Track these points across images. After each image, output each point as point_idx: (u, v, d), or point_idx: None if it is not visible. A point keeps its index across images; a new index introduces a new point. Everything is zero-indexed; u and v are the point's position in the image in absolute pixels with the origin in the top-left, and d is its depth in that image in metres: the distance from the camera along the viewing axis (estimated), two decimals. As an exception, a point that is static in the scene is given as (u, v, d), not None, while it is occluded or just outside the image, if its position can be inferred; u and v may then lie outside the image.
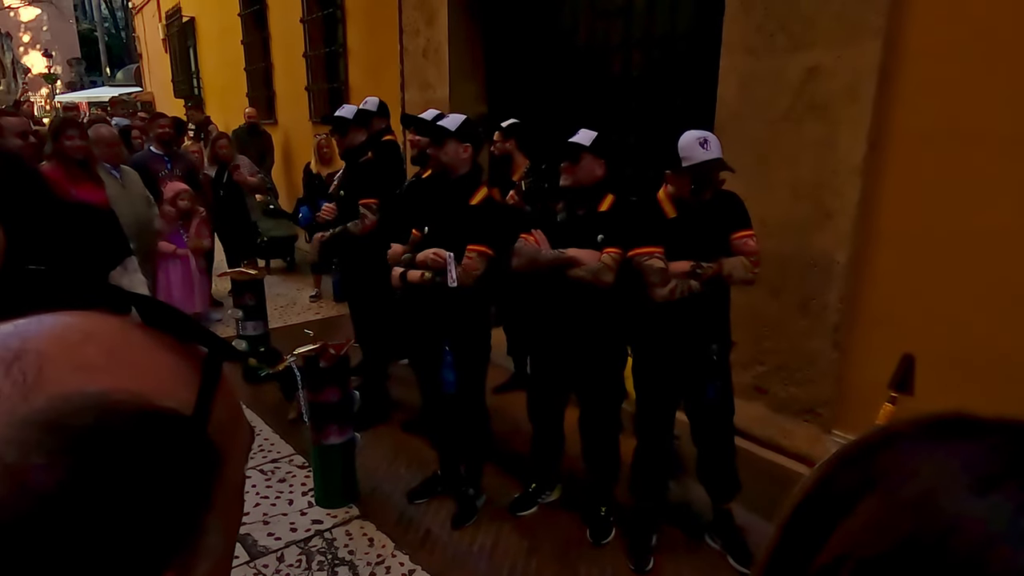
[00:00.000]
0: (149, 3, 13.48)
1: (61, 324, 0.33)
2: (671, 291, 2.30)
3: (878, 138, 2.62)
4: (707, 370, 2.44)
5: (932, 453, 0.31)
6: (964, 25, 2.36)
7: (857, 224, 2.70)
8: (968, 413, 0.33)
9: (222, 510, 0.35)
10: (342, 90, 6.61)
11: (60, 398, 0.29)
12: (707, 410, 2.51)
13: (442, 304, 2.70)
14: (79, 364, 0.31)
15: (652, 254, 2.33)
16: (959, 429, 0.32)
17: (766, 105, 2.91)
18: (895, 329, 2.61)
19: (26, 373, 0.29)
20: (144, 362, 0.33)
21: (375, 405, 3.70)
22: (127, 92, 16.39)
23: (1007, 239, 2.33)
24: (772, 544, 0.35)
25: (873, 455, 0.33)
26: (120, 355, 0.33)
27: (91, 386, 0.30)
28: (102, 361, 0.32)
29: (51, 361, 0.30)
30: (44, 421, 0.28)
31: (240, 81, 9.04)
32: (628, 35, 4.04)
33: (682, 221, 2.37)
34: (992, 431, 0.31)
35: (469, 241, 2.59)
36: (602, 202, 2.54)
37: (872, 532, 0.30)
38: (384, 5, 5.56)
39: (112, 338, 0.33)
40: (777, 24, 2.85)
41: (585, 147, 2.46)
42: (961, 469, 0.29)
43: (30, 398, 0.29)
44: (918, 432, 0.33)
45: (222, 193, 5.69)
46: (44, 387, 0.29)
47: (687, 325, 2.39)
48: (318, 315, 5.67)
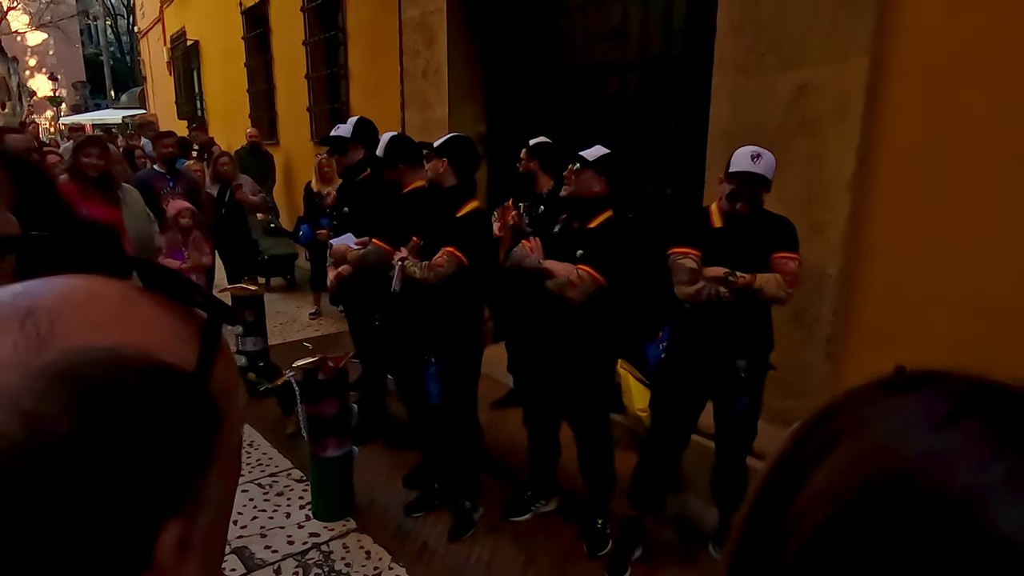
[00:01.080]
0: (154, 28, 13.70)
1: (68, 285, 0.34)
2: (697, 291, 2.31)
3: (867, 154, 2.67)
4: (734, 386, 2.44)
5: (890, 403, 0.34)
6: (948, 45, 2.43)
7: (848, 238, 2.74)
8: (914, 369, 0.37)
9: (222, 465, 0.37)
10: (343, 111, 6.71)
11: (71, 351, 0.30)
12: (733, 425, 2.52)
13: (426, 315, 2.76)
14: (88, 321, 0.32)
15: (687, 254, 2.36)
16: (910, 383, 0.35)
17: (757, 123, 2.97)
18: (887, 341, 2.65)
19: (39, 327, 0.31)
20: (148, 321, 0.35)
21: (373, 419, 3.72)
22: (131, 114, 16.58)
23: (994, 252, 2.37)
24: (750, 505, 0.38)
25: (838, 414, 0.36)
26: (125, 314, 0.34)
27: (100, 342, 0.32)
28: (109, 319, 0.33)
29: (61, 317, 0.32)
30: (57, 372, 0.30)
31: (243, 102, 9.16)
32: (623, 56, 4.13)
33: (727, 232, 2.38)
34: (938, 380, 0.35)
35: (448, 246, 2.65)
36: (596, 218, 2.59)
37: (842, 477, 0.32)
38: (385, 28, 5.68)
39: (117, 298, 0.35)
40: (767, 44, 2.92)
41: (588, 162, 2.52)
42: (919, 413, 0.32)
43: (43, 351, 0.30)
44: (876, 389, 0.36)
45: (224, 211, 5.75)
46: (56, 341, 0.31)
47: (716, 337, 2.40)
48: (317, 332, 5.70)
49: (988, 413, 0.31)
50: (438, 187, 2.80)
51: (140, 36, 15.78)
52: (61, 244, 0.38)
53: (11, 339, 0.30)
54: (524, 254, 2.58)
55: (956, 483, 0.29)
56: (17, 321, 0.31)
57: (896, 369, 0.38)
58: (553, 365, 2.66)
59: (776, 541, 0.34)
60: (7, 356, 0.30)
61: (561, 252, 2.54)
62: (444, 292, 2.67)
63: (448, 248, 2.64)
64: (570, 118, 4.44)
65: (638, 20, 4.01)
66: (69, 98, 24.58)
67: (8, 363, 0.29)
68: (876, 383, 0.37)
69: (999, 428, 0.30)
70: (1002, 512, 0.27)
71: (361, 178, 3.70)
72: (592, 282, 2.45)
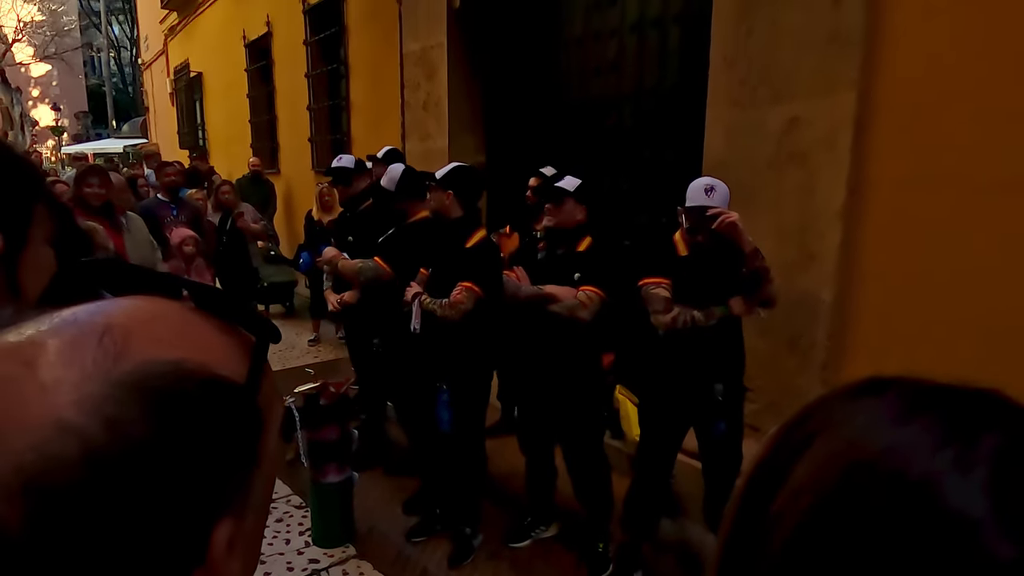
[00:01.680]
0: (158, 60, 13.94)
1: (134, 305, 0.38)
2: (673, 319, 2.36)
3: (857, 184, 2.75)
4: (712, 410, 2.47)
5: (857, 405, 0.39)
6: (932, 79, 2.52)
7: (840, 265, 2.80)
8: (879, 376, 0.41)
9: (264, 470, 0.41)
10: (344, 141, 6.83)
11: (144, 363, 0.34)
12: (716, 448, 2.54)
13: (440, 343, 2.79)
14: (154, 337, 0.36)
15: (659, 284, 2.42)
16: (874, 387, 0.40)
17: (750, 153, 3.06)
18: (882, 366, 2.63)
19: (116, 342, 0.34)
20: (203, 337, 0.39)
21: (373, 445, 3.72)
22: (132, 143, 16.75)
23: (982, 277, 2.44)
24: (734, 506, 0.42)
25: (812, 417, 0.41)
26: (184, 331, 0.38)
27: (166, 355, 0.35)
28: (171, 336, 0.37)
29: (133, 334, 0.35)
30: (133, 382, 0.33)
31: (245, 132, 9.30)
32: (619, 89, 4.24)
33: (693, 260, 2.44)
34: (897, 385, 0.40)
35: (463, 280, 2.70)
36: (580, 243, 2.67)
37: (819, 470, 0.37)
38: (386, 61, 5.81)
39: (176, 317, 0.39)
40: (759, 78, 3.02)
41: (569, 192, 2.60)
42: (882, 411, 0.37)
43: (120, 363, 0.34)
44: (845, 393, 0.41)
45: (225, 239, 5.82)
46: (130, 355, 0.34)
47: (692, 363, 2.45)
48: (317, 359, 5.72)
49: (937, 409, 0.36)
50: (443, 218, 2.85)
51: (144, 68, 16.04)
52: (115, 269, 0.43)
53: (91, 353, 0.34)
54: (515, 284, 2.64)
55: (914, 469, 0.34)
56: (96, 337, 0.34)
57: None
58: (546, 389, 2.70)
59: (760, 538, 0.38)
60: (89, 368, 0.33)
61: (553, 278, 2.60)
62: (460, 322, 2.71)
63: (465, 284, 2.68)
64: (568, 149, 4.53)
65: (634, 54, 4.13)
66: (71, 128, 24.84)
67: (91, 374, 0.33)
68: (845, 388, 0.41)
69: (946, 421, 0.35)
70: (953, 490, 0.32)
71: (363, 208, 3.76)
72: (599, 300, 2.52)
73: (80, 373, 0.33)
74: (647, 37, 4.03)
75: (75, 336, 0.34)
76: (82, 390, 0.32)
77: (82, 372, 0.33)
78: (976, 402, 0.37)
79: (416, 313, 2.76)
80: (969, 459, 0.33)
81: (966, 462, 0.33)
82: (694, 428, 2.58)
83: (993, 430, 0.34)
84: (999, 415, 0.36)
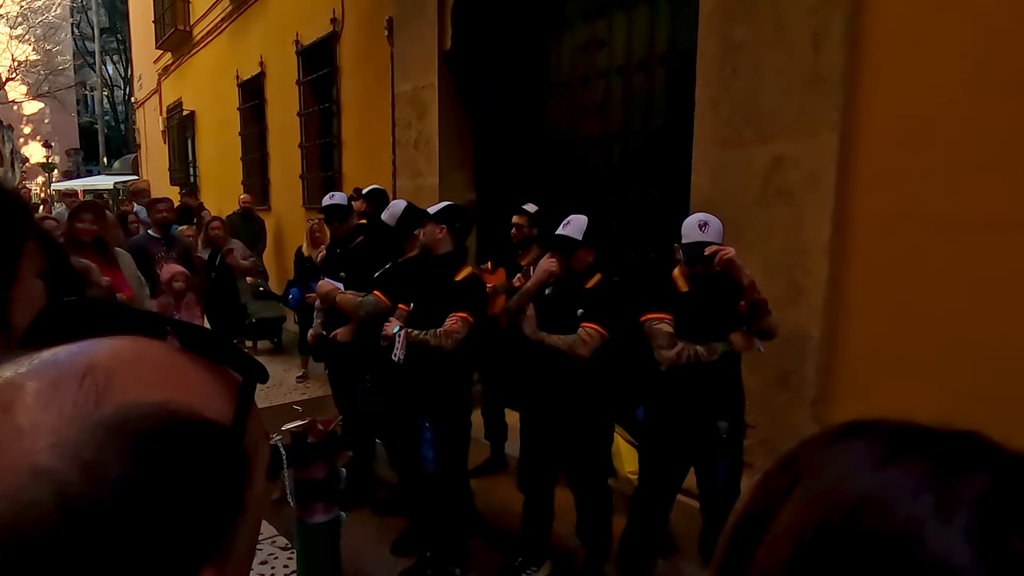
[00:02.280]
0: (151, 98, 14.07)
1: (118, 345, 0.37)
2: (677, 354, 2.36)
3: (842, 221, 2.80)
4: (716, 448, 2.46)
5: (838, 448, 0.39)
6: (911, 121, 2.60)
7: (828, 301, 2.84)
8: (862, 419, 0.41)
9: (250, 516, 0.40)
10: (336, 178, 6.88)
11: (126, 406, 0.33)
12: (716, 489, 2.52)
13: (422, 380, 2.78)
14: (138, 379, 0.35)
15: (662, 319, 2.42)
16: (855, 430, 0.40)
17: (737, 192, 3.11)
18: (872, 401, 2.70)
19: (97, 384, 0.34)
20: (188, 378, 0.38)
21: (360, 484, 3.66)
22: (123, 180, 16.79)
23: (965, 314, 2.47)
24: (720, 555, 0.41)
25: (794, 461, 0.40)
26: (169, 372, 0.37)
27: (149, 397, 0.34)
28: (156, 377, 0.36)
29: (115, 375, 0.34)
30: (114, 425, 0.32)
31: (236, 169, 9.36)
32: (607, 129, 4.33)
33: (694, 296, 2.46)
34: (877, 428, 0.39)
35: (454, 312, 2.70)
36: (589, 281, 2.67)
37: (799, 519, 0.36)
38: (378, 101, 5.91)
39: (160, 358, 0.38)
40: (743, 119, 3.09)
41: (579, 241, 2.60)
42: (862, 456, 0.37)
43: (101, 406, 0.33)
44: (826, 437, 0.41)
45: (213, 275, 5.80)
46: (112, 397, 0.33)
47: (695, 400, 2.44)
48: (305, 395, 5.66)
49: (916, 452, 0.36)
50: (429, 253, 2.88)
51: (137, 106, 16.17)
52: (99, 308, 0.42)
53: (72, 396, 0.33)
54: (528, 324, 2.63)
55: (894, 516, 0.33)
56: (77, 379, 0.34)
57: None
58: (553, 422, 2.68)
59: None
60: (69, 411, 0.32)
61: (558, 314, 2.60)
62: (442, 357, 2.71)
63: (460, 314, 2.70)
64: (557, 187, 4.60)
65: (620, 96, 4.23)
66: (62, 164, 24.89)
67: (71, 417, 0.32)
68: (827, 432, 0.41)
69: (925, 464, 0.34)
70: (934, 537, 0.31)
71: (355, 244, 3.78)
72: (599, 338, 2.52)
73: (59, 416, 0.32)
74: (633, 79, 4.13)
75: (55, 378, 0.34)
76: (60, 434, 0.31)
77: (61, 415, 0.32)
78: (956, 444, 0.36)
79: (402, 344, 2.75)
80: (950, 504, 0.32)
81: (947, 507, 0.32)
82: (695, 467, 2.55)
83: (974, 473, 0.33)
84: (980, 457, 0.35)
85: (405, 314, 2.92)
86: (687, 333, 2.39)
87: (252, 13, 8.47)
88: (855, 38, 2.71)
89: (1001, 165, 2.37)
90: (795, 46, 2.86)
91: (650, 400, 2.61)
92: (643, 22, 4.05)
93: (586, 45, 4.45)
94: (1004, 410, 2.33)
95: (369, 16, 5.98)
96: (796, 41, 2.85)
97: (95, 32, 22.71)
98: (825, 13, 2.75)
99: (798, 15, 2.84)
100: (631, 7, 4.10)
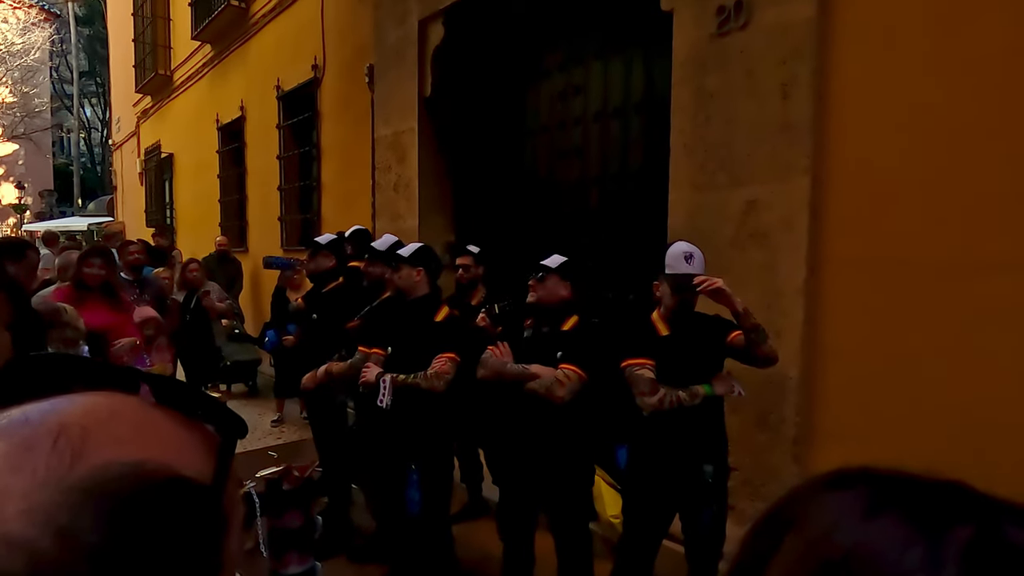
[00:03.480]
0: (129, 140, 14.05)
1: (91, 402, 0.36)
2: (659, 400, 2.34)
3: (816, 264, 2.86)
4: (702, 493, 2.43)
5: (826, 499, 0.39)
6: (880, 167, 2.69)
7: (805, 341, 2.87)
8: (849, 468, 0.41)
9: (227, 571, 0.38)
10: (315, 221, 6.88)
11: (100, 467, 0.32)
12: (704, 533, 2.49)
13: (407, 423, 2.74)
14: (113, 437, 0.34)
15: (643, 365, 2.41)
16: (843, 480, 0.40)
17: (712, 234, 3.17)
18: (851, 441, 2.72)
19: (71, 445, 0.33)
20: (165, 435, 0.37)
21: (336, 531, 3.56)
22: (97, 221, 16.60)
23: (937, 357, 2.52)
24: None
25: (783, 512, 0.40)
26: (145, 429, 0.36)
27: (125, 457, 0.33)
28: (131, 435, 0.35)
29: (89, 435, 0.33)
30: (89, 487, 0.31)
31: (214, 211, 9.31)
32: (585, 173, 4.41)
33: (675, 339, 2.45)
34: (864, 478, 0.40)
35: (437, 353, 2.69)
36: (566, 322, 2.68)
37: (791, 570, 0.36)
38: (358, 145, 5.97)
39: (135, 414, 0.37)
40: (717, 163, 3.18)
41: (551, 269, 2.64)
42: (850, 507, 0.37)
43: (75, 468, 0.32)
44: (814, 487, 0.41)
45: (188, 317, 5.71)
46: (86, 458, 0.32)
47: (679, 445, 2.41)
48: (280, 440, 5.52)
49: (904, 504, 0.36)
50: (404, 296, 2.88)
51: (114, 148, 16.12)
52: (69, 362, 0.41)
53: (44, 458, 0.32)
54: (501, 361, 2.62)
55: (885, 569, 0.33)
56: (50, 440, 0.33)
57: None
58: (532, 466, 2.64)
59: None
60: (41, 474, 0.31)
61: (537, 356, 2.59)
62: (430, 399, 2.68)
63: (447, 355, 2.70)
64: (535, 229, 4.65)
65: (597, 140, 4.33)
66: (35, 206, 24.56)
67: (43, 481, 0.31)
68: (815, 481, 0.41)
69: (913, 516, 0.35)
70: None
71: (331, 287, 3.76)
72: (578, 380, 2.51)
73: (31, 481, 0.31)
74: (610, 125, 4.24)
75: (26, 438, 0.32)
76: (32, 499, 0.30)
77: (33, 479, 0.31)
78: (942, 495, 0.36)
79: (388, 390, 2.72)
80: (939, 557, 0.32)
81: (936, 560, 0.32)
82: (680, 513, 2.52)
83: (961, 524, 0.33)
84: (966, 508, 0.35)
85: (382, 359, 2.89)
86: (669, 377, 2.39)
87: (233, 59, 8.57)
88: (821, 89, 2.81)
89: (966, 209, 2.46)
90: (765, 95, 2.96)
91: (633, 444, 2.59)
92: (618, 71, 4.18)
93: (563, 92, 4.56)
94: (981, 448, 2.36)
95: (350, 63, 6.09)
96: (766, 91, 2.96)
97: (74, 76, 22.75)
98: (793, 65, 2.86)
99: (767, 66, 2.95)
100: (607, 57, 4.23)
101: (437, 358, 2.68)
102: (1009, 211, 2.36)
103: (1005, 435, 2.33)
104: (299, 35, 6.90)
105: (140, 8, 11.87)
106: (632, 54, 4.07)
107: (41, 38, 21.57)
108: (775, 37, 2.92)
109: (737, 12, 3.03)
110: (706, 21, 3.16)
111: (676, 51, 3.33)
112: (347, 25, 6.15)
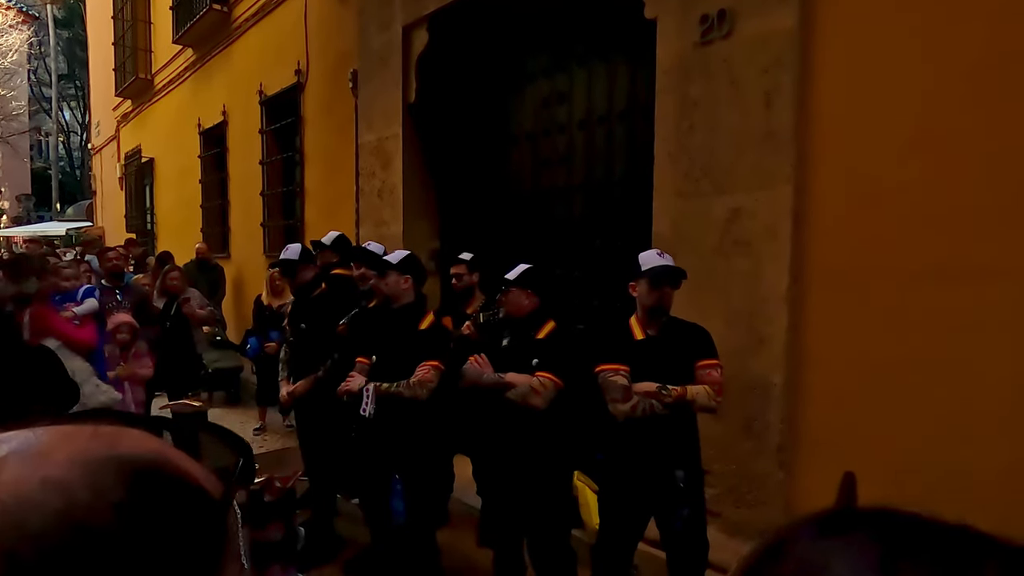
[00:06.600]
0: (109, 145, 13.86)
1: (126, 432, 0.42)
2: (632, 407, 2.35)
3: (799, 271, 2.88)
4: (674, 498, 2.44)
5: (830, 548, 0.35)
6: (859, 175, 2.71)
7: (789, 348, 2.88)
8: (845, 509, 0.39)
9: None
10: (298, 226, 6.83)
11: (129, 451, 0.39)
12: (680, 536, 2.49)
13: (394, 432, 2.71)
14: (140, 440, 0.41)
15: (617, 371, 2.41)
16: (840, 524, 0.37)
17: (697, 241, 3.18)
18: (835, 447, 2.73)
19: (107, 436, 0.40)
20: (183, 456, 0.43)
21: (321, 542, 3.51)
22: (76, 226, 16.35)
23: (919, 364, 2.54)
24: None
25: (776, 560, 0.37)
26: (168, 448, 0.42)
27: (151, 453, 0.40)
28: (156, 445, 0.42)
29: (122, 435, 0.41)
30: (119, 462, 0.38)
31: (195, 217, 9.21)
32: (570, 180, 4.41)
33: (650, 344, 2.47)
34: (866, 521, 0.37)
35: (421, 361, 2.67)
36: (540, 329, 2.68)
37: None
38: (341, 151, 5.93)
39: (160, 441, 0.43)
40: (701, 171, 3.19)
41: (510, 281, 2.65)
42: (857, 560, 0.34)
43: (110, 449, 0.39)
44: (809, 530, 0.37)
45: (168, 324, 5.63)
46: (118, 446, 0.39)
47: (651, 450, 2.42)
48: (262, 448, 5.45)
49: (919, 555, 0.33)
50: (390, 303, 2.86)
51: (94, 152, 15.91)
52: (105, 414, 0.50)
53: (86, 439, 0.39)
54: (478, 371, 2.61)
55: None
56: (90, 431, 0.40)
57: (845, 476, 0.41)
58: (514, 478, 2.63)
59: None
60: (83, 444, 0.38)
61: (514, 364, 2.59)
62: (414, 407, 2.66)
63: (430, 362, 2.69)
64: (521, 236, 4.64)
65: (582, 148, 4.33)
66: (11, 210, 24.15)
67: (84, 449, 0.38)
68: (811, 522, 0.38)
69: (934, 571, 0.32)
70: None
71: (316, 294, 3.73)
72: (553, 387, 2.50)
73: (74, 448, 0.37)
74: (595, 133, 4.25)
75: (68, 432, 0.39)
76: (75, 457, 0.36)
77: (75, 447, 0.37)
78: (955, 543, 0.34)
79: (371, 399, 2.70)
80: None
81: None
82: (655, 517, 2.53)
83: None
84: (982, 558, 0.33)
85: (367, 367, 2.87)
86: (644, 381, 2.39)
87: (216, 63, 8.49)
88: (804, 97, 2.84)
89: (948, 217, 2.49)
90: (748, 104, 2.98)
91: (607, 448, 2.59)
92: (602, 79, 4.19)
93: (547, 99, 4.57)
94: (961, 455, 2.38)
95: (334, 68, 6.05)
96: (749, 99, 2.98)
97: (52, 78, 22.42)
98: (775, 73, 2.89)
99: (750, 75, 2.97)
100: (591, 65, 4.24)
101: (420, 366, 2.66)
102: (990, 220, 2.39)
103: (984, 443, 2.35)
104: (282, 40, 6.86)
105: (120, 11, 11.73)
106: (616, 62, 4.09)
107: (19, 40, 21.24)
108: (758, 46, 2.94)
109: (720, 21, 3.05)
110: (689, 30, 3.18)
111: (660, 59, 3.35)
112: (331, 30, 6.12)
